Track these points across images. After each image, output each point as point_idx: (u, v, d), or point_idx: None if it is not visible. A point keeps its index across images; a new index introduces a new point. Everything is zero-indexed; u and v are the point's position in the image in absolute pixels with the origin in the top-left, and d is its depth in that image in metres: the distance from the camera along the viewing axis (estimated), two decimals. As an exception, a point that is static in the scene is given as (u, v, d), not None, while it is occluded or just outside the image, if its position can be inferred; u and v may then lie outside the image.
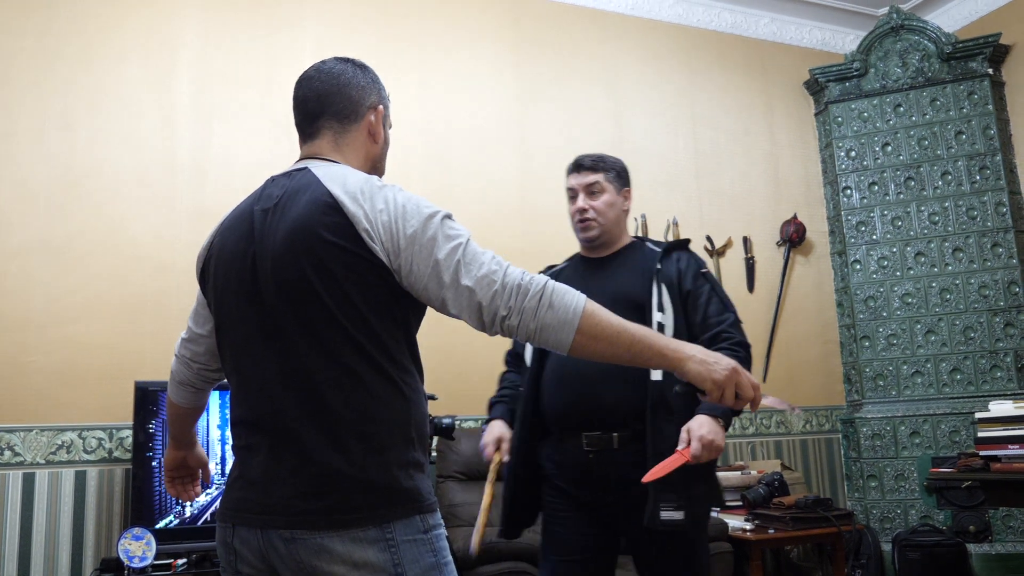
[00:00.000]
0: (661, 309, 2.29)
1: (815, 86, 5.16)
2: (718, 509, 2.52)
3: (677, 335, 2.25)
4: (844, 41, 5.43)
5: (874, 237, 4.89)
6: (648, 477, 1.99)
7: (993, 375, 4.59)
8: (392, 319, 1.38)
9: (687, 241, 2.50)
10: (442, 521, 1.43)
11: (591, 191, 2.43)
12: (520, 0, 4.60)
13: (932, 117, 4.87)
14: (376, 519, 1.31)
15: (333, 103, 1.53)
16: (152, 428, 3.24)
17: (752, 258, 4.88)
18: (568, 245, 4.33)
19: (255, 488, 1.38)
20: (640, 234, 2.30)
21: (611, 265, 2.46)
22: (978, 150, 4.77)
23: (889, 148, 4.92)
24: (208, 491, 3.31)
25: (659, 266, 2.35)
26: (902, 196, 4.87)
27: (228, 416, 1.77)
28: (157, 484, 3.22)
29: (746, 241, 4.88)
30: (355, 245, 1.34)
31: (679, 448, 2.07)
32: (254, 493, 1.38)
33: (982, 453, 2.82)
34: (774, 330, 4.86)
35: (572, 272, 2.50)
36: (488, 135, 4.39)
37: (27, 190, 3.49)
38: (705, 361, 1.41)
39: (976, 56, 4.84)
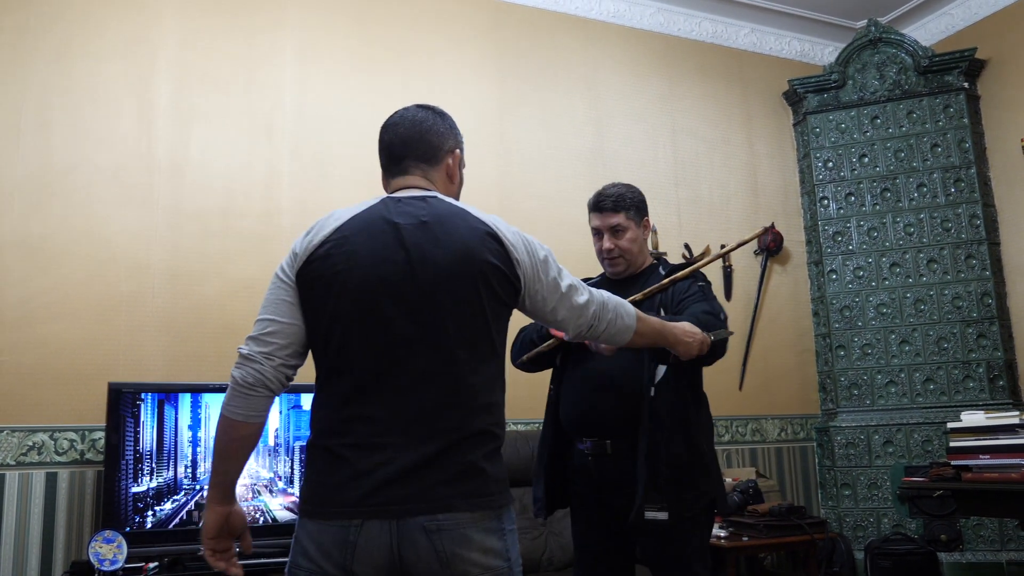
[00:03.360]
0: None
1: (794, 97, 5.20)
2: (718, 513, 2.67)
3: None
4: (823, 53, 5.49)
5: (850, 247, 4.94)
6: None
7: (966, 385, 4.64)
8: (500, 330, 1.65)
9: (684, 265, 2.63)
10: None
11: (615, 231, 2.59)
12: (501, 6, 4.60)
13: (908, 129, 4.92)
14: (496, 505, 1.56)
15: (416, 148, 1.76)
16: (123, 430, 3.21)
17: (730, 267, 4.91)
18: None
19: (393, 483, 1.50)
20: (658, 253, 2.48)
21: (627, 289, 2.61)
22: (953, 163, 4.82)
23: (866, 159, 4.97)
24: (176, 498, 3.28)
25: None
26: (878, 207, 4.91)
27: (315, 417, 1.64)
28: (128, 487, 3.19)
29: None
30: (508, 269, 1.62)
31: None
32: (397, 488, 1.49)
33: (954, 463, 2.84)
34: (751, 338, 4.88)
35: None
36: (468, 140, 4.33)
37: (1, 188, 3.44)
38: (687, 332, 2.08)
39: (952, 70, 4.90)
